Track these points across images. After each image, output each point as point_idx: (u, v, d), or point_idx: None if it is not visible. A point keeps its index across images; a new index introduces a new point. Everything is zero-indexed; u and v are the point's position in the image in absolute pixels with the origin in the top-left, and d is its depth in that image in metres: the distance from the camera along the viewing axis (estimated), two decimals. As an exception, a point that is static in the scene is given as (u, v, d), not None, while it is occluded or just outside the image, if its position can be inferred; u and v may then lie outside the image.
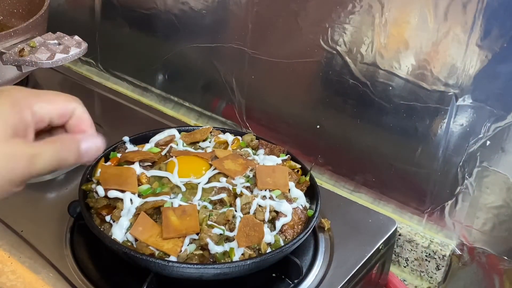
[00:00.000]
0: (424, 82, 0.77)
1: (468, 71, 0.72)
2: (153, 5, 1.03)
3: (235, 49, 0.95)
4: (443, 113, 0.76)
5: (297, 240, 0.64)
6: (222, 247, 0.62)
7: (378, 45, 0.79)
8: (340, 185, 0.92)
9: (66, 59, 0.85)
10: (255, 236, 0.63)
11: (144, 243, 0.62)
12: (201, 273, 0.61)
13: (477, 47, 0.71)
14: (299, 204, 0.69)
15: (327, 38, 0.83)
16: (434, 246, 0.82)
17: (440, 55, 0.74)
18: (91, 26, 1.15)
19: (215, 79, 1.00)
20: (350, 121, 0.86)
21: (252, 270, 0.63)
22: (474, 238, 0.80)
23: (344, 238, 0.74)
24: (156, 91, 1.11)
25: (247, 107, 0.99)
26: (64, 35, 0.88)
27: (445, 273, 0.83)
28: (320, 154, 0.91)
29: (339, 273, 0.69)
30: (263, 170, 0.71)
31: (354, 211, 0.79)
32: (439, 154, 0.79)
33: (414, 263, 0.85)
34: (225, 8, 0.94)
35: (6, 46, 0.85)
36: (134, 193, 0.67)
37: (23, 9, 1.06)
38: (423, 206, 0.84)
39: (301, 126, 0.93)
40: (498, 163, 0.74)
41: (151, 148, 0.76)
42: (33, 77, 1.08)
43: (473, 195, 0.78)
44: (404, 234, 0.84)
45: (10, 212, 0.75)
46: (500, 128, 0.72)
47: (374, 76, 0.81)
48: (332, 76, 0.85)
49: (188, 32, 1.01)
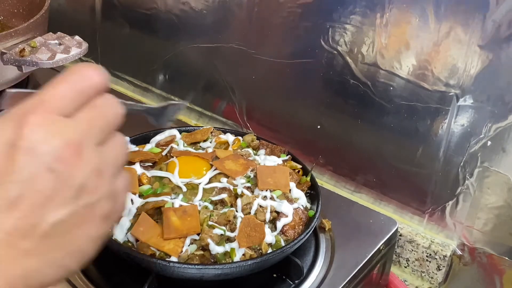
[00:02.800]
0: (425, 82, 0.77)
1: (469, 71, 0.72)
2: (153, 5, 1.03)
3: (236, 49, 0.95)
4: (444, 113, 0.76)
5: (298, 241, 0.64)
6: (223, 248, 0.62)
7: (379, 45, 0.79)
8: (341, 185, 0.91)
9: (66, 59, 0.85)
10: (256, 236, 0.63)
11: (145, 244, 0.62)
12: (202, 273, 0.61)
13: (478, 47, 0.71)
14: (300, 204, 0.69)
15: (328, 38, 0.83)
16: (435, 247, 0.82)
17: (441, 55, 0.74)
18: (92, 26, 1.15)
19: (216, 79, 1.00)
20: (351, 122, 0.86)
21: (253, 271, 0.63)
22: (475, 238, 0.80)
23: (345, 239, 0.74)
24: (157, 91, 1.11)
25: (247, 107, 0.98)
26: (64, 35, 0.88)
27: (446, 274, 0.83)
28: (321, 155, 0.91)
29: (340, 274, 0.69)
30: (264, 170, 0.71)
31: (355, 212, 0.79)
32: (440, 154, 0.79)
33: (415, 263, 0.85)
34: (226, 8, 0.94)
35: (7, 46, 0.85)
36: (135, 194, 0.67)
37: (24, 9, 1.06)
38: (424, 206, 0.83)
39: (301, 127, 0.93)
40: (499, 164, 0.74)
41: (152, 148, 0.76)
42: (34, 77, 1.08)
43: (474, 195, 0.78)
44: (405, 234, 0.84)
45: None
46: (501, 128, 0.72)
47: (375, 76, 0.81)
48: (333, 76, 0.85)
49: (188, 32, 1.01)
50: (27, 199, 0.38)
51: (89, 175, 0.40)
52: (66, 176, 0.39)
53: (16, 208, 0.38)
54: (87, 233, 0.41)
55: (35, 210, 0.38)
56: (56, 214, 0.39)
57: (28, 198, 0.38)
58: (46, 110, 0.39)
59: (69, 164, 0.39)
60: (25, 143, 0.37)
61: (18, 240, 0.38)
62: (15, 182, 0.38)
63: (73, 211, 0.39)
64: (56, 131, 0.39)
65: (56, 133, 0.39)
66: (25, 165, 0.37)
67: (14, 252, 0.38)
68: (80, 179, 0.39)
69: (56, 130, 0.39)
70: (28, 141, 0.37)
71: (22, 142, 0.37)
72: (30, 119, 0.38)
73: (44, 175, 0.38)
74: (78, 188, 0.39)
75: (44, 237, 0.39)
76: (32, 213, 0.38)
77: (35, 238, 0.38)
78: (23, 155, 0.37)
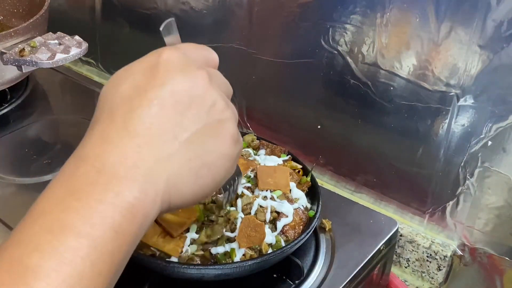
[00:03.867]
0: (426, 83, 0.76)
1: (470, 71, 0.72)
2: (153, 5, 1.03)
3: (236, 49, 0.95)
4: (445, 113, 0.76)
5: (298, 241, 0.64)
6: (223, 248, 0.62)
7: (379, 45, 0.79)
8: (341, 185, 0.91)
9: (66, 59, 0.85)
10: (256, 237, 0.63)
11: (145, 244, 0.62)
12: (202, 274, 0.61)
13: (479, 47, 0.70)
14: (300, 204, 0.69)
15: (328, 38, 0.83)
16: (435, 247, 0.82)
17: (442, 55, 0.74)
18: (92, 26, 1.15)
19: (216, 79, 1.00)
20: (351, 122, 0.86)
21: (253, 271, 0.63)
22: (475, 238, 0.80)
23: (345, 239, 0.74)
24: (157, 91, 1.11)
25: (248, 108, 0.98)
26: (64, 35, 0.88)
27: (447, 274, 0.83)
28: (321, 155, 0.91)
29: (340, 274, 0.69)
30: (264, 170, 0.71)
31: (355, 212, 0.79)
32: (440, 154, 0.79)
33: (415, 263, 0.84)
34: (226, 8, 0.94)
35: (7, 46, 0.85)
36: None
37: (24, 9, 1.06)
38: (424, 206, 0.83)
39: (302, 127, 0.93)
40: (499, 164, 0.74)
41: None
42: (33, 77, 1.08)
43: (474, 195, 0.78)
44: (405, 234, 0.84)
45: (10, 213, 0.75)
46: (501, 128, 0.72)
47: (376, 76, 0.81)
48: (333, 76, 0.85)
49: (188, 32, 1.01)
50: (168, 107, 0.43)
51: (216, 98, 0.46)
52: (200, 92, 0.45)
53: (159, 114, 0.43)
54: (219, 148, 0.46)
55: (176, 119, 0.43)
56: (193, 124, 0.44)
57: (169, 106, 0.43)
58: (181, 51, 0.46)
59: (201, 84, 0.45)
60: (164, 60, 0.44)
61: (162, 144, 0.42)
62: (157, 89, 0.43)
63: (206, 123, 0.45)
64: (189, 61, 0.46)
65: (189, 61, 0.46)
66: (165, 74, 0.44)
67: (157, 156, 0.42)
68: (211, 98, 0.45)
69: (189, 60, 0.46)
70: (167, 60, 0.44)
71: (161, 59, 0.44)
72: (167, 50, 0.45)
73: (181, 86, 0.44)
74: (210, 105, 0.45)
75: (184, 143, 0.43)
76: (173, 121, 0.43)
77: (176, 144, 0.43)
78: (163, 67, 0.44)
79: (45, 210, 0.39)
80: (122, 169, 0.40)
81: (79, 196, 0.39)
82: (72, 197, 0.39)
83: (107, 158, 0.41)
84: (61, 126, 0.99)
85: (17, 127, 0.95)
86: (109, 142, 0.41)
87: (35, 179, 0.82)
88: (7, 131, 0.93)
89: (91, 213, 0.38)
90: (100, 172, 0.40)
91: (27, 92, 1.03)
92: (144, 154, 0.41)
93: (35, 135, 0.95)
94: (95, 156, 0.41)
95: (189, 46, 0.49)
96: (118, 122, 0.42)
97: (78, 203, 0.39)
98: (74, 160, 0.42)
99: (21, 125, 0.95)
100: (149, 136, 0.42)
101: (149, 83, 0.43)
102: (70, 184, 0.40)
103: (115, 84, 0.45)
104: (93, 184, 0.39)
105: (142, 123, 0.42)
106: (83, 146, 0.42)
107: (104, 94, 0.45)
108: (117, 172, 0.40)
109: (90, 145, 0.42)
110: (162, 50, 0.45)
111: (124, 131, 0.42)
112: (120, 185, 0.40)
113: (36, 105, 1.03)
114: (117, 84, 0.45)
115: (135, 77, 0.44)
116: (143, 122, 0.42)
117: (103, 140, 0.42)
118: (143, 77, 0.44)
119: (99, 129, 0.43)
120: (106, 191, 0.39)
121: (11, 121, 0.97)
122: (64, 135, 0.99)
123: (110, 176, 0.40)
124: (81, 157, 0.41)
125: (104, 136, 0.42)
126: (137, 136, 0.42)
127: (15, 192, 0.81)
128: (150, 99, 0.42)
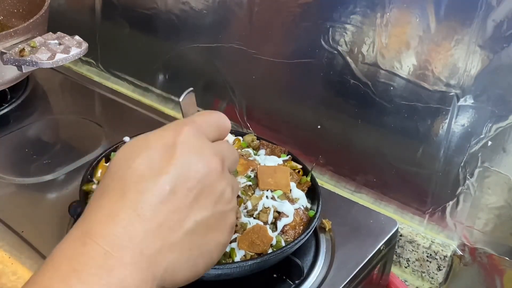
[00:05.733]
0: (426, 83, 0.76)
1: (470, 71, 0.72)
2: (153, 5, 1.03)
3: (236, 49, 0.95)
4: (445, 113, 0.76)
5: (298, 241, 0.64)
6: (223, 248, 0.62)
7: (379, 45, 0.79)
8: (341, 185, 0.91)
9: (66, 59, 0.85)
10: (259, 246, 0.62)
11: (145, 244, 0.62)
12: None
13: (479, 47, 0.71)
14: (301, 204, 0.69)
15: (328, 38, 0.83)
16: (435, 247, 0.82)
17: (442, 55, 0.74)
18: (92, 26, 1.15)
19: (216, 80, 1.00)
20: (351, 122, 0.86)
21: (254, 271, 0.63)
22: (475, 238, 0.80)
23: (345, 239, 0.74)
24: (157, 91, 1.11)
25: (248, 108, 0.98)
26: (64, 35, 0.88)
27: (447, 274, 0.83)
28: (321, 155, 0.91)
29: (340, 274, 0.69)
30: (265, 170, 0.71)
31: (355, 212, 0.79)
32: (440, 154, 0.79)
33: (415, 263, 0.84)
34: (226, 8, 0.94)
35: (7, 46, 0.85)
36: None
37: (24, 9, 1.06)
38: (424, 206, 0.83)
39: (302, 127, 0.93)
40: (499, 164, 0.74)
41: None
42: (33, 77, 1.08)
43: (474, 195, 0.78)
44: (405, 234, 0.84)
45: (11, 213, 0.75)
46: (501, 128, 0.72)
47: (375, 76, 0.81)
48: (333, 76, 0.85)
49: (188, 32, 1.01)
50: (179, 194, 0.43)
51: (226, 188, 0.47)
52: (211, 181, 0.45)
53: (169, 201, 0.43)
54: (217, 238, 0.47)
55: (185, 207, 0.44)
56: (199, 214, 0.45)
57: (180, 194, 0.43)
58: (197, 127, 0.47)
59: (215, 172, 0.46)
60: (181, 141, 0.45)
61: (167, 232, 0.43)
62: (172, 174, 0.43)
63: (211, 215, 0.46)
64: (205, 144, 0.47)
65: (205, 144, 0.47)
66: (180, 159, 0.44)
67: (162, 243, 0.43)
68: (221, 188, 0.46)
69: (205, 143, 0.47)
70: (183, 141, 0.45)
71: (178, 140, 0.45)
72: (185, 129, 0.46)
73: (194, 173, 0.44)
74: (219, 195, 0.46)
75: (188, 233, 0.44)
76: (182, 209, 0.44)
77: (180, 233, 0.44)
78: (180, 150, 0.44)
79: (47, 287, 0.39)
80: (129, 256, 0.41)
81: (84, 279, 0.39)
82: (76, 276, 0.39)
83: (114, 241, 0.41)
84: (61, 126, 0.99)
85: (17, 127, 0.94)
86: (116, 222, 0.42)
87: (35, 179, 0.82)
88: (7, 131, 0.93)
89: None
90: (107, 255, 0.40)
91: (27, 92, 1.03)
92: (149, 242, 0.42)
93: (35, 135, 0.95)
94: (103, 236, 0.41)
95: (204, 118, 0.49)
96: (128, 203, 0.42)
97: (82, 286, 0.39)
98: (79, 233, 0.42)
99: (21, 125, 0.95)
100: (157, 223, 0.42)
101: (164, 166, 0.43)
102: (75, 261, 0.40)
103: (129, 157, 0.45)
104: (100, 268, 0.40)
105: (152, 209, 0.42)
106: (89, 220, 0.43)
107: (116, 163, 0.45)
108: (123, 257, 0.41)
109: (98, 221, 0.42)
110: (181, 129, 0.46)
111: (134, 214, 0.42)
112: (125, 272, 0.41)
113: (36, 105, 1.03)
114: (131, 157, 0.45)
115: (151, 154, 0.44)
116: (153, 209, 0.42)
117: (111, 219, 0.42)
118: (159, 157, 0.44)
119: (107, 206, 0.43)
120: (110, 277, 0.40)
121: (11, 121, 0.96)
122: (64, 135, 0.99)
123: (116, 261, 0.41)
124: (88, 232, 0.42)
125: (113, 214, 0.42)
126: (146, 220, 0.42)
127: (15, 192, 0.81)
128: (162, 184, 0.43)
